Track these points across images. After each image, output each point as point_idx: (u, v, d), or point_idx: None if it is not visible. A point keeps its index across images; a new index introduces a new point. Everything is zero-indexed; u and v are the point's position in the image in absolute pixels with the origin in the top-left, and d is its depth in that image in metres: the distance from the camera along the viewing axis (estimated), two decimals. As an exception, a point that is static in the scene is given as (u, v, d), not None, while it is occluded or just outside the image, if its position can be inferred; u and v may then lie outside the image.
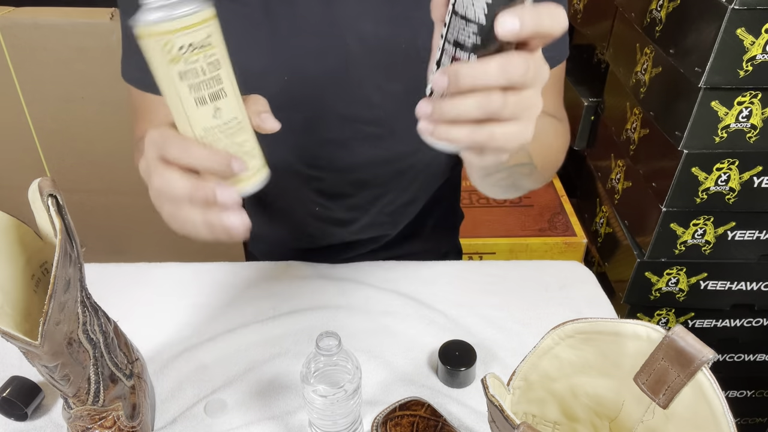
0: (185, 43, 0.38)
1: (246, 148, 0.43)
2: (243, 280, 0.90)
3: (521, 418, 0.50)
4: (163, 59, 0.39)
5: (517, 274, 0.92)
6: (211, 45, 0.39)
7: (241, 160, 0.41)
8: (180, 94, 0.40)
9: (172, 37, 0.38)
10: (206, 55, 0.39)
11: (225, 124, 0.41)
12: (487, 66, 0.38)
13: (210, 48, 0.39)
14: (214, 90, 0.40)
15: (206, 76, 0.40)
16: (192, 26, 0.38)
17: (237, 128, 0.42)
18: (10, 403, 0.68)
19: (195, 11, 0.38)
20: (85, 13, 1.48)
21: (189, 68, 0.39)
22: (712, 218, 1.11)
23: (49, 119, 1.58)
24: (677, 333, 0.41)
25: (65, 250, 0.53)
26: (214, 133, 0.41)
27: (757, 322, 1.28)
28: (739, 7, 0.87)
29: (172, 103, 0.41)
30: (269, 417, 0.70)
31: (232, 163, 0.41)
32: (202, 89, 0.40)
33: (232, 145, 0.42)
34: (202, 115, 0.40)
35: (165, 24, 0.37)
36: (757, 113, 0.98)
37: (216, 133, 0.41)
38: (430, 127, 0.42)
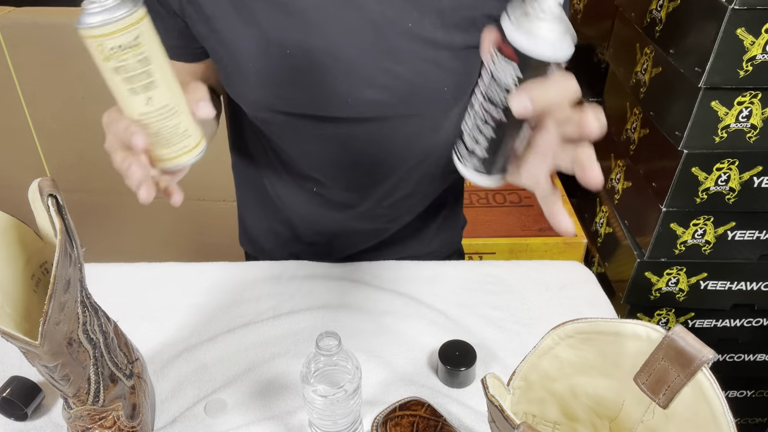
0: (114, 45, 0.44)
1: (180, 129, 0.50)
2: (243, 280, 0.90)
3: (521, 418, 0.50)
4: (99, 56, 0.44)
5: (517, 274, 0.92)
6: (140, 45, 0.45)
7: (141, 135, 0.47)
8: (116, 85, 0.46)
9: (103, 39, 0.43)
10: (135, 54, 0.45)
11: (157, 111, 0.48)
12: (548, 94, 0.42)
13: (138, 47, 0.45)
14: (145, 82, 0.46)
15: (137, 71, 0.45)
16: (119, 31, 0.43)
17: (169, 113, 0.49)
18: (10, 403, 0.68)
19: (123, 17, 0.43)
20: (85, 13, 1.47)
21: (120, 65, 0.45)
22: (712, 218, 1.11)
23: (49, 119, 1.58)
24: (677, 333, 0.41)
25: (65, 250, 0.53)
26: (148, 117, 0.48)
27: (757, 322, 1.28)
28: (739, 7, 0.87)
29: (113, 92, 0.47)
30: (269, 417, 0.70)
31: (132, 139, 0.47)
32: (134, 82, 0.46)
33: (164, 128, 0.49)
34: (136, 102, 0.47)
35: (96, 29, 0.43)
36: (757, 113, 0.98)
37: (150, 117, 0.48)
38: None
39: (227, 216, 1.83)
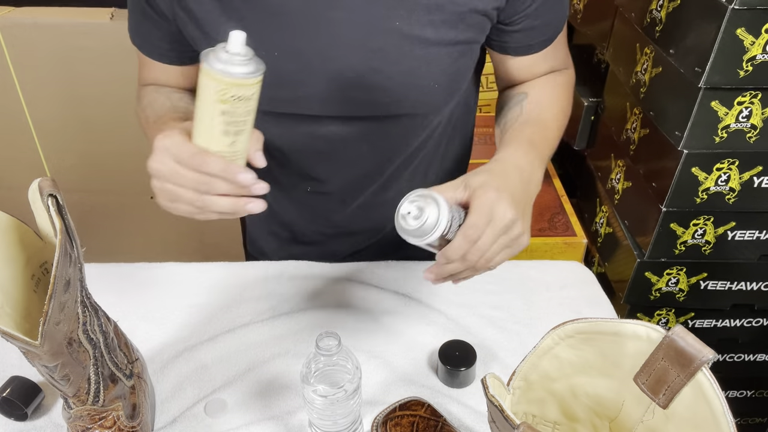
0: (236, 95, 0.49)
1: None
2: (243, 280, 0.90)
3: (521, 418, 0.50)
4: (214, 97, 0.49)
5: (517, 274, 0.92)
6: (253, 99, 0.51)
7: (247, 174, 0.54)
8: (214, 122, 0.51)
9: (229, 87, 0.49)
10: (246, 105, 0.51)
11: (233, 153, 0.54)
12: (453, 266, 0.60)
13: (251, 101, 0.51)
14: (239, 129, 0.52)
15: (240, 118, 0.52)
16: (247, 85, 0.50)
17: (239, 158, 0.55)
18: (10, 403, 0.68)
19: (253, 74, 0.49)
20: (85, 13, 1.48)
21: (231, 110, 0.50)
22: (712, 218, 1.11)
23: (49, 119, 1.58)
24: (677, 333, 0.41)
25: (65, 250, 0.53)
26: (223, 154, 0.54)
27: (757, 322, 1.28)
28: (739, 7, 0.87)
29: (203, 123, 0.52)
30: (269, 417, 0.70)
31: (239, 176, 0.54)
32: (232, 126, 0.52)
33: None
34: (223, 141, 0.53)
35: (228, 77, 0.48)
36: (757, 113, 0.98)
37: (225, 155, 0.54)
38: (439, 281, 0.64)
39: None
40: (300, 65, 0.68)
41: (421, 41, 0.67)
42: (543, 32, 0.74)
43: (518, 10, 0.69)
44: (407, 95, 0.71)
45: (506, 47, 0.74)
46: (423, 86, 0.70)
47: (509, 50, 0.75)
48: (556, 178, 1.66)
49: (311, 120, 0.74)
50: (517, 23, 0.70)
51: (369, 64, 0.67)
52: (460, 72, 0.73)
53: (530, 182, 0.64)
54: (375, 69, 0.68)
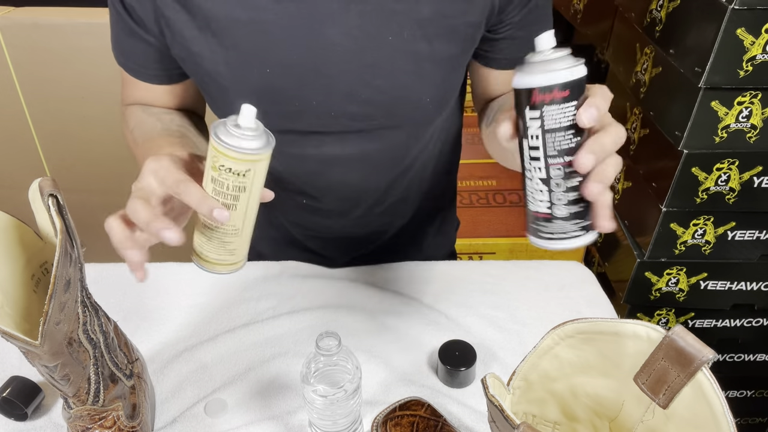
0: (225, 165, 0.49)
1: (230, 246, 0.54)
2: (243, 280, 0.90)
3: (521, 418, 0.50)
4: (210, 161, 0.50)
5: (517, 274, 0.92)
6: (245, 177, 0.50)
7: (222, 211, 0.50)
8: (207, 180, 0.51)
9: (220, 156, 0.49)
10: (237, 180, 0.50)
11: (223, 225, 0.52)
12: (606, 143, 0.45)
13: (243, 178, 0.50)
14: (229, 202, 0.51)
15: (229, 191, 0.50)
16: (240, 160, 0.49)
17: (231, 232, 0.53)
18: (10, 403, 0.68)
19: (248, 151, 0.49)
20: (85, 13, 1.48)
21: (218, 179, 0.50)
22: (712, 218, 1.11)
23: (49, 119, 1.58)
24: (677, 333, 0.41)
25: (65, 250, 0.53)
26: (208, 227, 0.53)
27: (757, 322, 1.28)
28: (739, 7, 0.87)
29: (205, 173, 0.51)
30: (269, 417, 0.70)
31: (214, 211, 0.50)
32: (221, 197, 0.50)
33: (219, 237, 0.53)
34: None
35: (220, 146, 0.48)
36: (757, 113, 0.98)
37: (210, 228, 0.53)
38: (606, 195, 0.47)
39: (227, 216, 1.83)
40: (292, 81, 0.67)
41: (414, 56, 0.66)
42: (528, 45, 0.73)
43: (503, 19, 0.68)
44: (400, 109, 0.71)
45: (489, 58, 0.73)
46: (416, 100, 0.70)
47: (492, 62, 0.74)
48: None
49: (304, 137, 0.73)
50: (501, 31, 0.70)
51: (362, 79, 0.67)
52: (451, 85, 0.72)
53: None
54: (368, 83, 0.67)
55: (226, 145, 0.48)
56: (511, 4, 0.67)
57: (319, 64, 0.66)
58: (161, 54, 0.70)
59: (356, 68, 0.66)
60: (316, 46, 0.65)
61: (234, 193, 0.50)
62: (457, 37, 0.67)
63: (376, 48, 0.65)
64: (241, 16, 0.64)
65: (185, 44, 0.66)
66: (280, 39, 0.65)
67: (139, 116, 0.74)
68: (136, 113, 0.75)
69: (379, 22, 0.64)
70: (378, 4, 0.64)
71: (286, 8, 0.63)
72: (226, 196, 0.50)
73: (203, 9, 0.64)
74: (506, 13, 0.68)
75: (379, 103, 0.69)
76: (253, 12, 0.63)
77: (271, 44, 0.65)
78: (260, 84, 0.67)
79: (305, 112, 0.70)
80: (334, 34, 0.65)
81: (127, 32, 0.69)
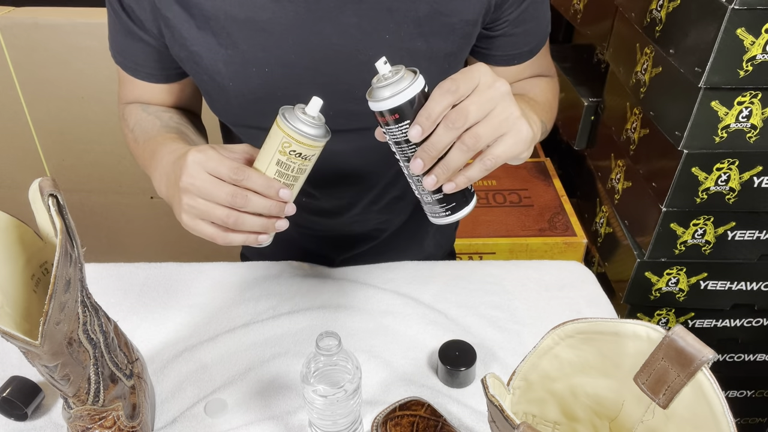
0: (296, 150, 0.55)
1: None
2: (243, 280, 0.90)
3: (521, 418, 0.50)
4: (277, 145, 0.54)
5: (517, 274, 0.92)
6: (309, 160, 0.56)
7: (286, 190, 0.56)
8: (269, 169, 0.55)
9: (293, 142, 0.54)
10: (302, 163, 0.56)
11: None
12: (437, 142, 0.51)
13: (307, 161, 0.56)
14: (288, 182, 0.56)
15: (291, 173, 0.56)
16: (309, 145, 0.55)
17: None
18: (10, 403, 0.68)
19: (316, 138, 0.55)
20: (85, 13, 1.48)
21: (285, 162, 0.55)
22: (712, 218, 1.11)
23: (49, 119, 1.58)
24: (677, 333, 0.41)
25: (66, 250, 0.53)
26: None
27: (757, 322, 1.28)
28: (739, 7, 0.87)
29: (265, 156, 0.56)
30: (269, 417, 0.70)
31: (280, 192, 0.55)
32: (282, 177, 0.56)
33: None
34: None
35: (295, 133, 0.54)
36: (757, 113, 0.98)
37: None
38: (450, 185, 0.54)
39: (227, 216, 1.83)
40: (291, 80, 0.67)
41: (411, 53, 0.66)
42: (525, 42, 0.73)
43: (500, 16, 0.69)
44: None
45: (486, 55, 0.74)
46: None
47: (490, 59, 0.74)
48: (556, 178, 1.66)
49: None
50: (498, 29, 0.70)
51: (359, 77, 0.67)
52: None
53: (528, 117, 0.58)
54: (366, 82, 0.67)
55: (300, 132, 0.54)
56: (507, 1, 0.67)
57: (317, 63, 0.66)
58: (159, 53, 0.70)
59: (354, 66, 0.66)
60: (313, 45, 0.65)
61: (296, 174, 0.56)
62: (454, 35, 0.67)
63: (373, 46, 0.66)
64: (240, 15, 0.64)
65: (184, 44, 0.66)
66: (279, 38, 0.65)
67: (138, 115, 0.74)
68: (135, 112, 0.75)
69: (376, 20, 0.64)
70: (375, 3, 0.64)
71: (284, 7, 0.63)
72: (288, 177, 0.56)
73: (202, 8, 0.64)
74: (503, 10, 0.68)
75: None
76: (251, 11, 0.63)
77: (270, 43, 0.65)
78: (259, 83, 0.67)
79: None
80: (332, 33, 0.65)
81: (125, 31, 0.69)
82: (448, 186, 0.54)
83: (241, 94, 0.68)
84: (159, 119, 0.72)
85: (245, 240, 0.57)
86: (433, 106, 0.50)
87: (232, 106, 0.70)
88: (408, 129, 0.52)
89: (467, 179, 0.53)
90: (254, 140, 0.79)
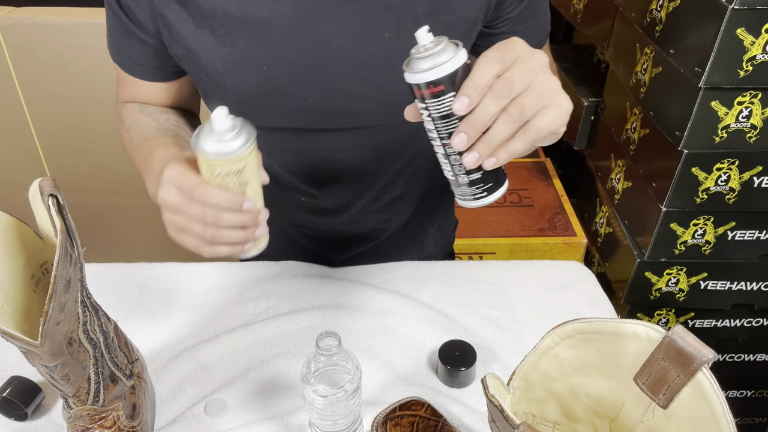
0: (223, 170, 0.52)
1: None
2: (243, 280, 0.90)
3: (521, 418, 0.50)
4: (207, 171, 0.52)
5: (517, 274, 0.92)
6: (243, 172, 0.53)
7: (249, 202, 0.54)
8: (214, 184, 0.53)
9: (215, 165, 0.51)
10: (238, 177, 0.53)
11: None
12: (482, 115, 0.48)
13: (241, 174, 0.53)
14: (242, 190, 0.54)
15: (237, 186, 0.54)
16: (232, 161, 0.51)
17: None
18: (10, 403, 0.68)
19: (238, 151, 0.51)
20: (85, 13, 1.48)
21: (223, 183, 0.53)
22: (712, 218, 1.11)
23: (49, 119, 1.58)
24: (677, 333, 0.41)
25: (66, 250, 0.53)
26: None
27: (757, 322, 1.28)
28: (739, 7, 0.87)
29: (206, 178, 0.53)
30: (269, 417, 0.70)
31: (244, 203, 0.53)
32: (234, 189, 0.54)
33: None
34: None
35: (210, 157, 0.51)
36: (757, 113, 0.98)
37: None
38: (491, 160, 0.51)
39: (227, 216, 1.83)
40: (289, 78, 0.67)
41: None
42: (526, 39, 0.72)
43: (501, 14, 0.68)
44: (396, 106, 0.70)
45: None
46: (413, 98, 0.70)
47: None
48: (556, 178, 1.66)
49: (302, 134, 0.73)
50: (498, 27, 0.70)
51: (358, 76, 0.67)
52: None
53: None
54: (364, 80, 0.67)
55: (215, 155, 0.50)
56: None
57: (315, 61, 0.66)
58: (157, 52, 0.70)
59: (353, 65, 0.66)
60: (312, 42, 0.65)
61: (240, 188, 0.54)
62: (454, 34, 0.66)
63: (372, 45, 0.65)
64: (238, 12, 0.64)
65: (182, 42, 0.66)
66: (277, 36, 0.65)
67: (134, 116, 0.74)
68: (132, 112, 0.75)
69: (375, 18, 0.64)
70: (373, 1, 0.63)
71: (282, 5, 0.63)
72: (239, 188, 0.54)
73: (200, 6, 0.64)
74: (503, 8, 0.68)
75: (376, 101, 0.69)
76: (249, 9, 0.63)
77: (268, 41, 0.65)
78: (258, 81, 0.67)
79: (302, 109, 0.69)
80: (330, 30, 0.64)
81: (123, 30, 0.69)
82: (489, 161, 0.51)
83: (240, 93, 0.68)
84: (155, 121, 0.72)
85: (231, 251, 0.56)
86: (480, 75, 0.47)
87: (231, 105, 0.70)
88: (451, 102, 0.49)
89: (509, 153, 0.50)
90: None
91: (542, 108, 0.49)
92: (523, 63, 0.48)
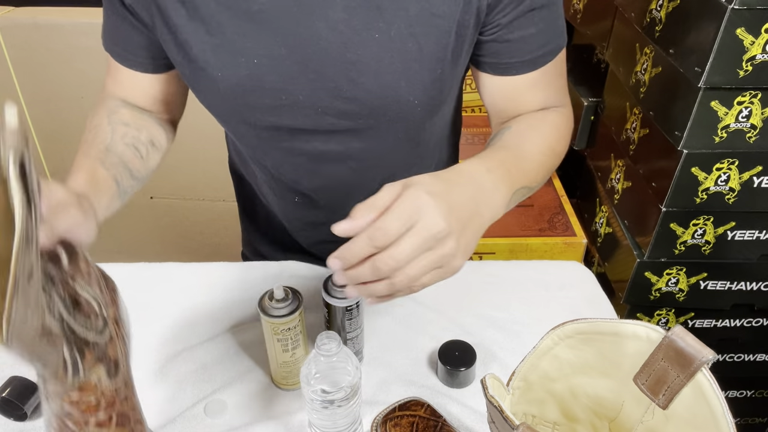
0: (284, 328, 0.68)
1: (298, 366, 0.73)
2: (243, 280, 0.90)
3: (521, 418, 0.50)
4: (269, 329, 0.68)
5: (517, 274, 0.92)
6: (297, 327, 0.69)
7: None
8: (273, 343, 0.70)
9: (278, 326, 0.68)
10: (294, 332, 0.69)
11: (296, 359, 0.72)
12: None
13: (296, 329, 0.69)
14: (293, 345, 0.70)
15: (291, 340, 0.69)
16: (289, 322, 0.68)
17: (298, 361, 0.72)
18: (10, 403, 0.68)
19: (292, 315, 0.67)
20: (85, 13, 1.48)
21: (282, 338, 0.69)
22: (712, 218, 1.11)
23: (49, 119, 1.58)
24: (677, 333, 0.41)
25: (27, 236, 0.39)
26: (287, 365, 0.72)
27: (757, 322, 1.28)
28: (739, 7, 0.87)
29: (268, 344, 0.71)
30: (269, 417, 0.70)
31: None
32: (287, 345, 0.70)
33: (295, 369, 0.72)
34: (283, 354, 0.70)
35: (275, 320, 0.67)
36: (757, 113, 0.98)
37: (289, 365, 0.72)
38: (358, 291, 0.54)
39: (227, 216, 1.83)
40: (280, 74, 0.66)
41: (401, 55, 0.65)
42: (521, 51, 0.69)
43: (491, 20, 0.66)
44: (387, 109, 0.69)
45: (480, 61, 0.71)
46: (403, 101, 0.68)
47: (484, 66, 0.71)
48: (556, 178, 1.66)
49: (293, 133, 0.73)
50: (489, 33, 0.67)
51: (347, 75, 0.66)
52: (442, 88, 0.70)
53: (485, 203, 0.56)
54: (353, 81, 0.66)
55: (278, 318, 0.67)
56: (500, 4, 0.64)
57: (305, 57, 0.65)
58: (149, 41, 0.70)
59: (341, 64, 0.65)
60: (302, 38, 0.64)
61: (294, 339, 0.70)
62: (446, 38, 0.65)
63: (361, 44, 0.64)
64: (231, 3, 0.63)
65: (175, 32, 0.66)
66: (268, 29, 0.64)
67: (100, 119, 0.73)
68: (101, 115, 0.74)
69: (366, 17, 0.63)
70: (367, 1, 0.62)
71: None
72: (290, 344, 0.69)
73: None
74: (494, 14, 0.65)
75: (365, 102, 0.68)
76: (242, 0, 0.63)
77: (259, 34, 0.64)
78: (247, 74, 0.66)
79: (292, 107, 0.69)
80: (321, 27, 0.64)
81: (117, 18, 0.70)
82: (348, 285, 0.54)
83: (230, 86, 0.68)
84: (111, 136, 0.71)
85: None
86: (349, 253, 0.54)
87: (222, 98, 0.70)
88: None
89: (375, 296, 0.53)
90: (244, 139, 0.78)
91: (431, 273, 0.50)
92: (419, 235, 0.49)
